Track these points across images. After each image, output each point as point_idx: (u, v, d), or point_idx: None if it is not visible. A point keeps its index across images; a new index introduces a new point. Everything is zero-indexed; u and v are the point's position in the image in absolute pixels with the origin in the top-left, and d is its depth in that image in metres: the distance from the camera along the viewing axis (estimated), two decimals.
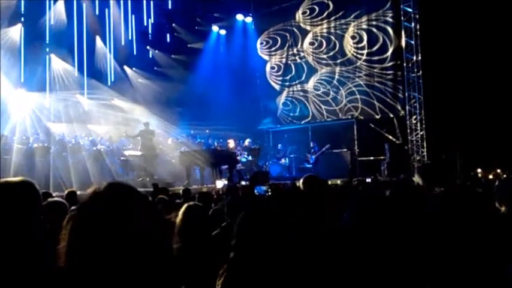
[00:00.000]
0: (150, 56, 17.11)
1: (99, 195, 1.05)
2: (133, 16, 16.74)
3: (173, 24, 17.34)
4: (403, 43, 13.92)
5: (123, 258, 0.98)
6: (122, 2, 16.23)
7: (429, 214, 2.47)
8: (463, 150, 11.12)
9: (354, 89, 15.12)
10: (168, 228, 2.67)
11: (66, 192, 6.27)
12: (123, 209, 1.02)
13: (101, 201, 1.04)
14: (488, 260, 1.91)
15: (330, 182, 7.05)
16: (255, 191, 6.94)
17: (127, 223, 1.00)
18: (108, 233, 0.98)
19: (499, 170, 10.42)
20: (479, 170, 10.71)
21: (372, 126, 13.77)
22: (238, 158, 12.83)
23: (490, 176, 9.86)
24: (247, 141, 14.21)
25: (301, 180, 3.76)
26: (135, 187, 1.13)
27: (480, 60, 11.50)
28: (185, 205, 2.76)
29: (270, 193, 6.66)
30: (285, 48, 16.87)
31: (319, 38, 16.06)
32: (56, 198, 3.13)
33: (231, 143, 13.08)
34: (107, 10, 15.81)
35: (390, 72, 14.36)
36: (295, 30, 16.64)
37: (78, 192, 6.48)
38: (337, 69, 15.52)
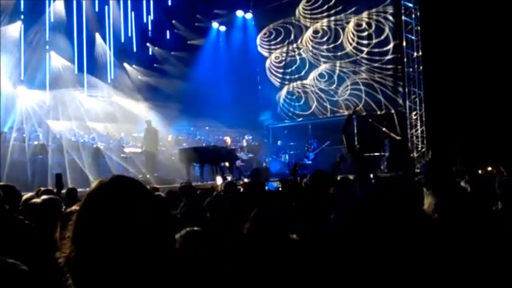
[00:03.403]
0: (150, 52, 17.10)
1: (104, 186, 1.08)
2: (132, 13, 16.73)
3: (173, 21, 17.30)
4: (404, 38, 13.87)
5: (127, 247, 1.00)
6: None
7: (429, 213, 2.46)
8: (462, 146, 11.08)
9: (355, 83, 15.08)
10: (172, 223, 2.64)
11: (65, 189, 6.27)
12: (127, 200, 1.05)
13: (106, 191, 1.06)
14: (487, 260, 1.90)
15: None
16: (266, 187, 6.84)
17: (131, 214, 1.03)
18: (113, 223, 1.01)
19: (500, 167, 10.36)
20: (479, 167, 10.65)
21: (370, 120, 13.70)
22: (238, 154, 12.84)
23: (490, 173, 9.81)
24: (246, 138, 14.20)
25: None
26: (138, 180, 1.16)
27: (481, 56, 11.44)
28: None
29: (281, 189, 6.55)
30: (285, 43, 16.82)
31: (319, 33, 16.00)
32: (51, 196, 3.13)
33: (228, 140, 13.11)
34: (106, 7, 15.80)
35: (390, 67, 14.32)
36: (295, 25, 16.59)
37: (79, 190, 6.48)
38: (338, 64, 15.47)
